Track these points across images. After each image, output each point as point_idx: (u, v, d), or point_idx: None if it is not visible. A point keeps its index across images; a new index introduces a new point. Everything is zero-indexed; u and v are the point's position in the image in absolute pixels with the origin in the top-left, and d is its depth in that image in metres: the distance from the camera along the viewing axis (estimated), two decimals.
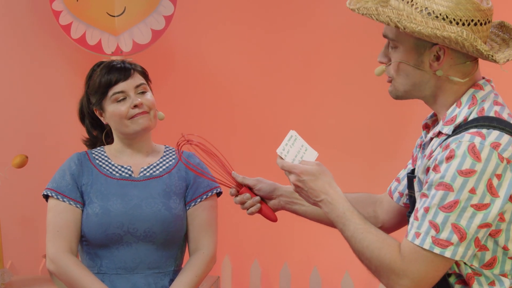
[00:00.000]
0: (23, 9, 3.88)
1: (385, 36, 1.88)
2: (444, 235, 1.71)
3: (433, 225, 1.72)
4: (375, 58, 2.06)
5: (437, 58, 1.81)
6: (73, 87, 3.98)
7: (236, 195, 2.20)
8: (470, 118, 1.81)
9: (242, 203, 2.19)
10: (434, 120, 1.97)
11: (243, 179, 2.20)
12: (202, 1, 3.99)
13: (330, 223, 2.12)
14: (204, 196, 2.51)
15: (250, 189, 2.20)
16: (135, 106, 2.43)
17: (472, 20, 1.78)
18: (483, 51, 1.76)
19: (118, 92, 2.45)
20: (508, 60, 1.83)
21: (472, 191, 1.69)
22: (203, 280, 2.55)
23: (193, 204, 2.51)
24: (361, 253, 1.83)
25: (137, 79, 2.48)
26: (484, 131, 1.74)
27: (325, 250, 3.73)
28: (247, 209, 2.18)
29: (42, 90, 3.92)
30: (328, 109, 3.86)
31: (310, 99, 3.89)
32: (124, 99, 2.45)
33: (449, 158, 1.72)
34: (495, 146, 1.71)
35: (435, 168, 1.75)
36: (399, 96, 1.91)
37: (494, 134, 1.73)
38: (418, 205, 1.78)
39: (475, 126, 1.76)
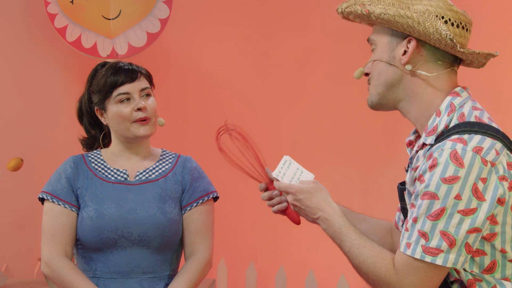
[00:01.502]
0: (18, 12, 3.87)
1: (368, 40, 1.98)
2: (433, 243, 1.72)
3: (422, 234, 1.73)
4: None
5: (406, 51, 1.89)
6: (69, 90, 3.98)
7: (265, 190, 2.16)
8: (451, 124, 1.82)
9: (270, 199, 2.13)
10: (417, 136, 1.99)
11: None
12: (197, 4, 3.99)
13: None
14: (200, 201, 2.50)
15: None
16: (139, 109, 2.42)
17: (443, 17, 1.84)
18: (442, 31, 1.81)
19: (123, 93, 2.44)
20: (470, 52, 1.86)
21: (458, 197, 1.70)
22: (199, 285, 2.54)
23: (188, 208, 2.50)
24: (358, 268, 1.84)
25: (143, 82, 2.47)
26: (465, 136, 1.75)
27: (320, 254, 3.72)
28: (273, 206, 2.12)
29: (37, 93, 3.91)
30: (323, 112, 3.87)
31: (305, 102, 3.89)
32: (128, 100, 2.44)
33: (432, 166, 1.73)
34: (477, 150, 1.72)
35: (420, 178, 1.77)
36: (374, 102, 1.96)
37: (476, 139, 1.75)
38: (408, 216, 1.80)
39: (457, 132, 1.77)
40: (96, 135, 2.58)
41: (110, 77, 2.46)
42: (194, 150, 3.37)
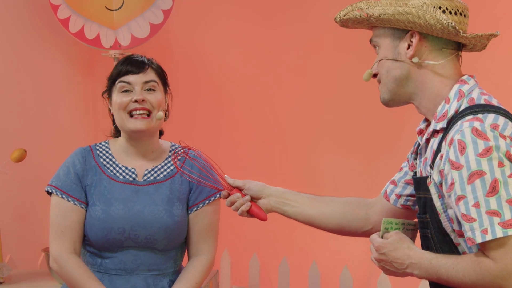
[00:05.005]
0: (22, 3, 3.87)
1: (370, 41, 2.03)
2: (507, 215, 1.73)
3: (492, 213, 1.73)
4: (372, 54, 2.06)
5: (410, 45, 1.93)
6: (72, 81, 3.98)
7: (227, 197, 2.24)
8: (462, 108, 1.86)
9: (233, 203, 2.22)
10: (428, 124, 2.01)
11: (234, 181, 2.24)
12: None
13: (321, 227, 2.23)
14: (207, 201, 2.49)
15: (240, 191, 2.25)
16: (136, 101, 2.40)
17: (440, 7, 1.89)
18: (443, 20, 1.85)
19: (124, 82, 2.43)
20: (473, 36, 1.91)
21: (500, 164, 1.74)
22: None
23: (195, 209, 2.49)
24: (464, 284, 1.81)
25: (149, 75, 2.45)
26: (479, 115, 1.80)
27: (324, 245, 3.73)
28: (238, 209, 2.21)
29: (41, 84, 3.91)
30: (326, 103, 3.86)
31: (308, 94, 3.88)
32: (128, 91, 2.43)
33: (462, 149, 1.76)
34: (494, 127, 1.77)
35: (453, 165, 1.78)
36: (387, 98, 2.00)
37: (490, 117, 1.79)
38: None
39: (470, 113, 1.82)
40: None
41: (118, 67, 2.47)
42: (197, 141, 3.37)
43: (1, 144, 3.72)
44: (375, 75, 2.02)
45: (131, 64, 2.45)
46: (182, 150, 2.40)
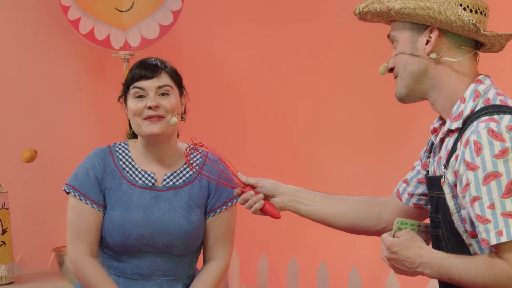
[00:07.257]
0: (32, 4, 3.88)
1: (388, 36, 2.01)
2: None
3: (507, 214, 1.73)
4: (382, 54, 2.07)
5: (429, 41, 1.92)
6: (82, 81, 4.00)
7: (240, 195, 2.23)
8: (477, 108, 1.86)
9: (246, 200, 2.20)
10: (442, 123, 2.01)
11: (247, 179, 2.23)
12: None
13: (334, 226, 2.22)
14: (224, 207, 2.50)
15: (253, 188, 2.23)
16: (149, 108, 2.38)
17: (461, 5, 1.88)
18: (464, 17, 1.84)
19: (138, 88, 2.41)
20: (493, 34, 1.90)
21: None
22: None
23: (212, 214, 2.49)
24: (476, 284, 1.81)
25: (163, 80, 2.42)
26: (495, 116, 1.80)
27: (332, 245, 3.73)
28: (251, 207, 2.19)
29: (51, 85, 3.93)
30: (335, 104, 3.86)
31: (317, 93, 3.89)
32: (142, 96, 2.41)
33: (478, 150, 1.76)
34: (510, 128, 1.76)
35: (469, 166, 1.78)
36: (403, 94, 1.98)
37: (506, 118, 1.79)
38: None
39: (485, 114, 1.82)
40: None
41: (132, 71, 2.44)
42: (207, 141, 3.38)
43: (12, 145, 3.73)
44: (391, 70, 2.01)
45: (144, 69, 2.42)
46: (194, 148, 2.37)
